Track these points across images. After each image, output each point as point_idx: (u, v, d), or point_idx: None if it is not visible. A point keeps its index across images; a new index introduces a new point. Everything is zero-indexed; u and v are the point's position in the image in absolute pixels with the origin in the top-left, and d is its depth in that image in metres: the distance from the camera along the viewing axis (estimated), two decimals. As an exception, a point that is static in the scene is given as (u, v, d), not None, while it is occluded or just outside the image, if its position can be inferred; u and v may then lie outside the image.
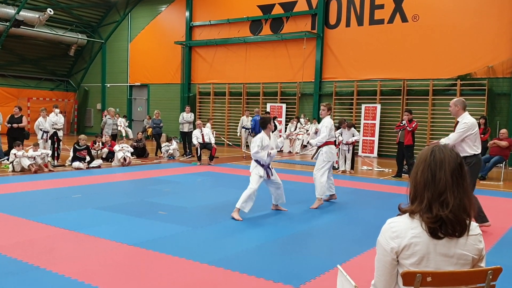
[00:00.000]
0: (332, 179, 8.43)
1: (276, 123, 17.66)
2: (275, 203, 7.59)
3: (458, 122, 6.52)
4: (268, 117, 7.54)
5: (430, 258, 1.99)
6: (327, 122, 8.13)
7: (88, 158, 12.61)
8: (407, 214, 2.06)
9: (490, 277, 2.00)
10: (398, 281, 2.07)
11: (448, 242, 1.99)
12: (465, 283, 2.00)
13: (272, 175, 7.26)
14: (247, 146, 17.12)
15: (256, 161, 7.18)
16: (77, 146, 12.54)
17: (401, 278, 1.99)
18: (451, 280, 1.98)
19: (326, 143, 8.09)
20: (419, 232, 2.00)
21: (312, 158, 8.59)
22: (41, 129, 13.05)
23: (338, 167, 13.32)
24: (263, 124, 7.34)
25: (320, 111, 8.39)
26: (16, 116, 13.13)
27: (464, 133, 6.26)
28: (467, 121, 6.34)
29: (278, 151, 7.67)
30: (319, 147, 8.20)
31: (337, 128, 13.31)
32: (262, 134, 7.22)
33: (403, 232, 2.02)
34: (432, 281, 1.95)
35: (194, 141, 14.08)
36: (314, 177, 8.08)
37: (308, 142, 8.43)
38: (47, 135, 13.06)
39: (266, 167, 7.18)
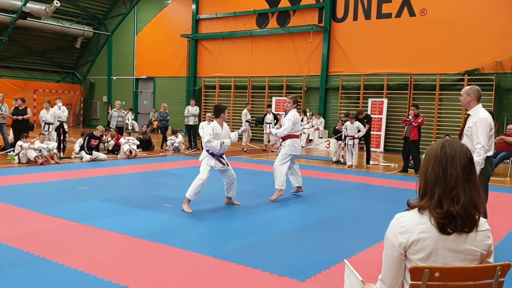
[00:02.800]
0: (298, 171, 8.44)
1: (277, 117, 17.63)
2: (226, 194, 7.45)
3: (467, 116, 5.33)
4: (223, 106, 7.30)
5: (439, 253, 1.98)
6: (291, 115, 8.10)
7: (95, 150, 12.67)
8: (416, 209, 2.05)
9: (499, 273, 1.98)
10: (405, 276, 2.06)
11: (457, 237, 1.97)
12: (473, 279, 1.98)
13: (227, 164, 7.11)
14: (251, 140, 17.09)
15: (207, 150, 7.02)
16: (93, 135, 12.62)
17: (408, 273, 1.98)
18: (459, 275, 1.96)
19: (290, 136, 8.07)
20: (428, 228, 1.98)
21: (275, 152, 8.55)
22: (43, 121, 13.10)
23: (345, 162, 13.29)
24: (216, 112, 7.14)
25: (286, 103, 8.33)
26: (20, 108, 13.15)
27: (488, 132, 5.07)
28: (485, 116, 5.12)
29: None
30: (282, 140, 8.19)
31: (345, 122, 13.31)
32: (215, 123, 7.05)
33: (411, 227, 2.00)
34: (440, 277, 1.94)
35: (200, 132, 14.08)
36: (274, 168, 8.06)
37: (269, 132, 8.39)
38: (49, 127, 13.09)
39: (218, 156, 7.04)
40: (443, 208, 1.96)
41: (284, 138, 8.14)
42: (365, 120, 13.36)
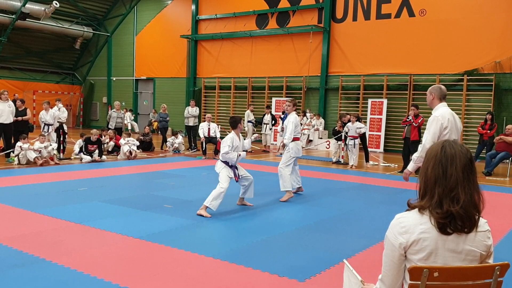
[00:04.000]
0: (298, 172, 8.54)
1: (275, 117, 17.63)
2: (242, 196, 7.41)
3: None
4: (239, 117, 7.34)
5: (438, 253, 1.98)
6: (293, 118, 8.21)
7: (97, 152, 12.65)
8: (416, 210, 2.05)
9: (498, 273, 1.99)
10: (405, 276, 2.06)
11: (457, 238, 1.98)
12: (472, 279, 1.99)
13: (239, 176, 7.09)
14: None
15: (224, 162, 6.95)
16: (89, 140, 12.58)
17: (408, 273, 1.98)
18: (458, 275, 1.97)
19: (293, 139, 8.18)
20: (428, 228, 1.99)
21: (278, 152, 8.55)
22: (43, 122, 13.09)
23: (345, 162, 13.29)
24: (234, 124, 7.13)
25: (286, 107, 8.36)
26: (20, 109, 13.11)
27: (436, 130, 5.03)
28: (437, 115, 5.14)
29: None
30: (283, 146, 8.27)
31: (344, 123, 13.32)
32: (233, 134, 7.06)
33: (411, 227, 2.01)
34: (439, 277, 1.94)
35: (200, 133, 14.10)
36: (279, 171, 8.15)
37: (282, 144, 8.40)
38: (48, 128, 13.07)
39: (234, 167, 7.01)
40: (443, 208, 1.96)
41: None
42: (358, 120, 13.34)
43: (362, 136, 13.36)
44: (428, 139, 5.03)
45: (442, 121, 5.03)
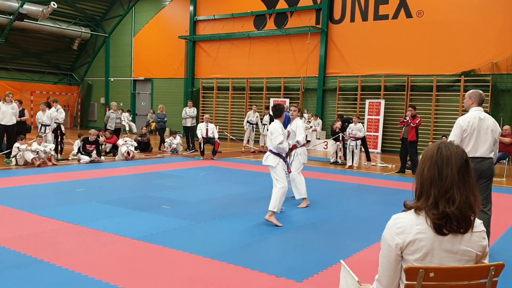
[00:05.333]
0: None
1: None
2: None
3: None
4: (283, 105, 6.88)
5: (435, 254, 2.00)
6: (301, 123, 7.93)
7: (94, 152, 12.65)
8: (412, 210, 2.07)
9: (493, 273, 2.00)
10: (401, 276, 2.08)
11: (453, 238, 1.99)
12: (467, 279, 2.00)
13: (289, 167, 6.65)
14: (248, 141, 17.04)
15: (276, 154, 6.42)
16: (87, 140, 12.59)
17: (404, 273, 2.00)
18: (453, 275, 1.98)
19: (302, 145, 7.93)
20: (424, 228, 2.00)
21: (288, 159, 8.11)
22: (39, 123, 13.09)
23: (342, 162, 13.31)
24: (278, 112, 6.64)
25: (291, 112, 8.01)
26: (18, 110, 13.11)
27: (458, 133, 5.25)
28: (460, 118, 5.38)
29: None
30: (291, 149, 7.85)
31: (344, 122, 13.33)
32: (278, 123, 6.56)
33: (408, 228, 2.02)
34: (434, 277, 1.96)
35: (198, 133, 14.09)
36: (293, 179, 7.72)
37: (297, 141, 8.03)
38: (45, 129, 13.05)
39: (283, 158, 6.51)
40: (439, 209, 1.98)
41: (294, 147, 7.87)
42: (346, 124, 13.34)
43: (363, 137, 13.38)
44: (451, 139, 5.35)
45: (462, 124, 5.27)
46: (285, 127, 7.69)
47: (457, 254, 2.00)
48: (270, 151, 6.53)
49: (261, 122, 17.30)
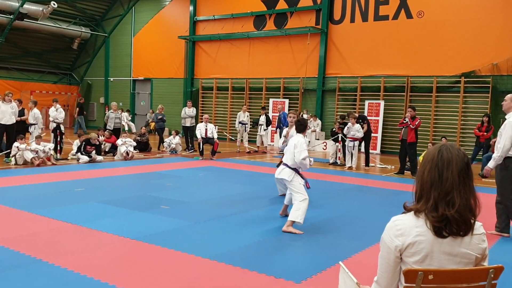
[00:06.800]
0: None
1: (270, 117, 17.58)
2: (287, 203, 6.77)
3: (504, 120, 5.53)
4: (307, 120, 6.70)
5: (434, 256, 1.99)
6: (302, 139, 7.80)
7: (94, 152, 12.64)
8: (412, 212, 2.06)
9: (492, 275, 2.00)
10: (400, 278, 2.07)
11: (453, 241, 1.99)
12: (466, 282, 2.00)
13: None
14: (241, 141, 17.03)
15: (294, 169, 6.23)
16: (89, 141, 12.59)
17: (403, 276, 1.99)
18: (452, 278, 1.98)
19: None
20: (423, 231, 2.00)
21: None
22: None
23: (341, 163, 13.30)
24: (302, 127, 6.42)
25: (291, 119, 7.92)
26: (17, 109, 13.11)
27: (510, 134, 5.39)
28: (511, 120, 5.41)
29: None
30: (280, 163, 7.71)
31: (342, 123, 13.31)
32: (303, 137, 6.34)
33: (407, 230, 2.02)
34: (434, 279, 1.96)
35: (197, 133, 14.08)
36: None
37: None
38: (34, 128, 13.07)
39: (299, 173, 6.33)
40: (439, 212, 1.97)
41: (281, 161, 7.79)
42: (360, 121, 13.33)
43: (366, 138, 13.34)
44: (506, 143, 5.52)
45: None
46: (282, 126, 7.64)
47: (457, 256, 2.00)
48: (286, 164, 6.30)
49: (255, 122, 17.24)
